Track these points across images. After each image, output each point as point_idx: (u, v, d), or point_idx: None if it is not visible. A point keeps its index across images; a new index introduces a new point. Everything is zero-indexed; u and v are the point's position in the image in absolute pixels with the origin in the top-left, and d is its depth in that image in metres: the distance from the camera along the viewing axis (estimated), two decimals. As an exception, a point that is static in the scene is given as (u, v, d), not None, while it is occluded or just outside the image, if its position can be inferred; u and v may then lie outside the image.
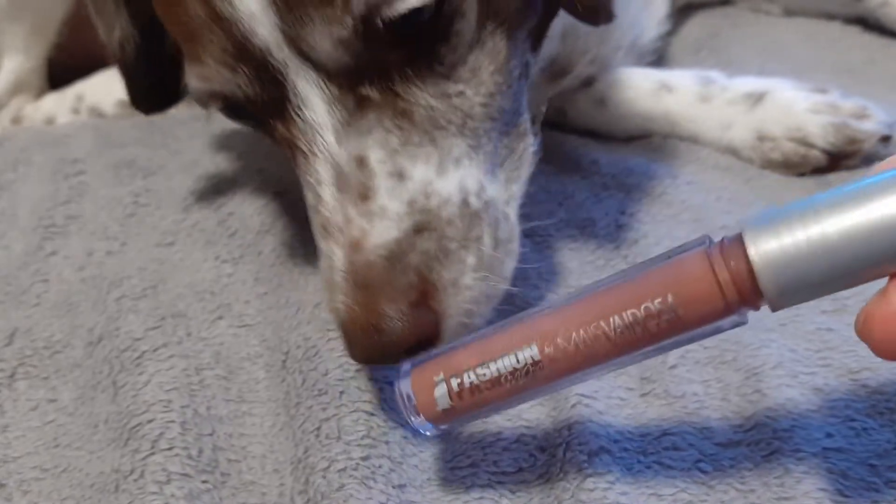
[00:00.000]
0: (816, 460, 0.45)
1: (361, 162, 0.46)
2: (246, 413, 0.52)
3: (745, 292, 0.36)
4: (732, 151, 0.73)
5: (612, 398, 0.51)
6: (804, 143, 0.70)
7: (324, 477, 0.46)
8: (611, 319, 0.37)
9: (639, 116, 0.76)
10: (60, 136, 0.86)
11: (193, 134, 0.83)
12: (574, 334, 0.38)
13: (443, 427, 0.41)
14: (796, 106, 0.71)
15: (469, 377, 0.39)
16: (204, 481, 0.47)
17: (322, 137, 0.46)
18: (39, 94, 0.99)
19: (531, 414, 0.50)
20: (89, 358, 0.57)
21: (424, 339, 0.45)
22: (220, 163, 0.77)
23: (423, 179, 0.46)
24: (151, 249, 0.66)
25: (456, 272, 0.46)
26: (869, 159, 0.70)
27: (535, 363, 0.39)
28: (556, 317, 0.39)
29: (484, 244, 0.47)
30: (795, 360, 0.52)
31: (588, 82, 0.77)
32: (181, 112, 0.89)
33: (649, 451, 0.47)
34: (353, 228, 0.45)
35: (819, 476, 0.44)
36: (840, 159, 0.70)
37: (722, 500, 0.44)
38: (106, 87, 0.96)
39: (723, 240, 0.37)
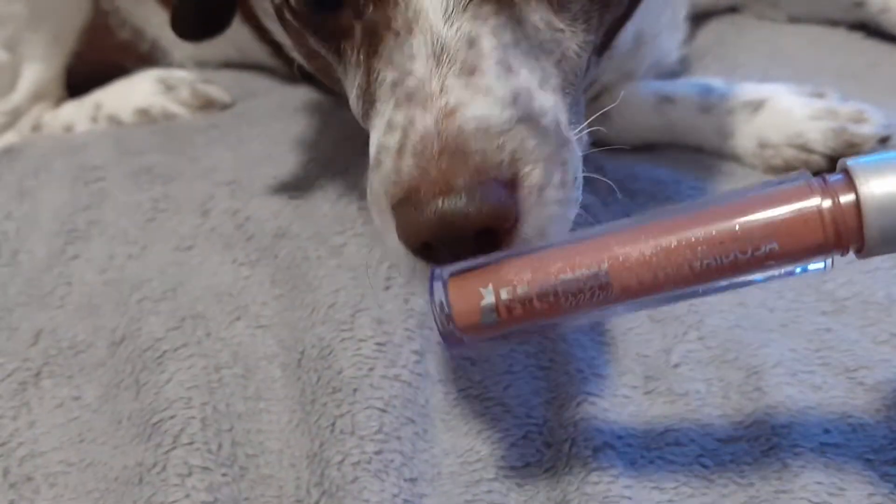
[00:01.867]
0: (814, 455, 0.46)
1: (472, 42, 0.45)
2: (263, 410, 0.54)
3: (846, 231, 0.34)
4: (735, 159, 0.75)
5: (617, 396, 0.52)
6: (805, 149, 0.71)
7: (338, 470, 0.48)
8: (698, 248, 0.35)
9: (642, 129, 0.78)
10: (80, 143, 0.89)
11: (210, 141, 0.85)
12: (654, 260, 0.35)
13: (470, 343, 0.38)
14: (795, 113, 0.72)
15: (522, 290, 0.36)
16: (224, 474, 0.49)
17: (427, 17, 0.46)
18: (58, 102, 1.01)
19: (538, 411, 0.52)
20: (112, 357, 0.59)
21: (500, 227, 0.41)
22: (236, 169, 0.79)
23: (527, 82, 0.46)
24: (171, 253, 0.68)
25: (545, 179, 0.43)
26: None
27: (603, 286, 0.36)
28: (631, 238, 0.36)
29: (567, 171, 0.45)
30: (795, 359, 0.54)
31: (597, 96, 0.79)
32: (198, 120, 0.92)
33: (652, 447, 0.49)
34: (450, 96, 0.44)
35: (816, 470, 0.46)
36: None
37: (722, 493, 0.46)
38: (124, 96, 0.98)
39: (824, 177, 0.36)
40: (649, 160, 0.76)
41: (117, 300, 0.63)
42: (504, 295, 0.37)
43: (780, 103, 0.73)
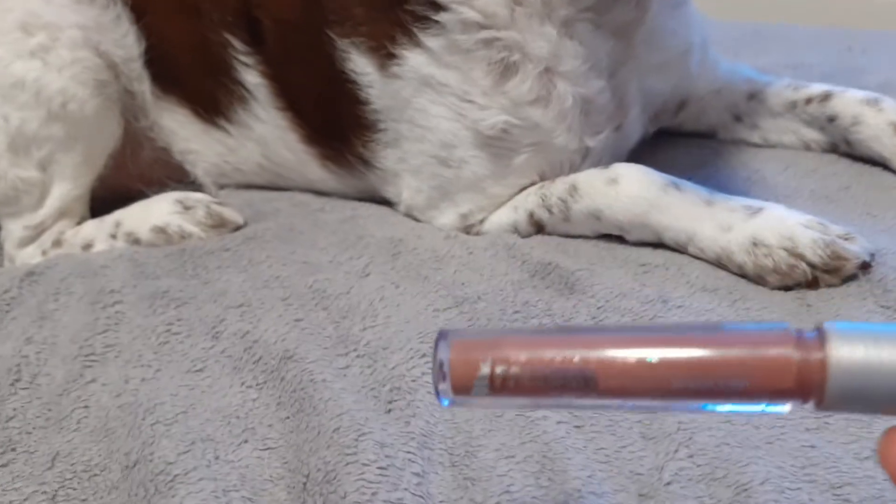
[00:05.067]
0: (800, 574, 0.48)
1: None
2: (270, 533, 0.56)
3: (810, 385, 0.38)
4: (726, 255, 0.79)
5: (611, 515, 0.54)
6: (794, 253, 0.75)
7: None
8: (678, 370, 0.39)
9: (646, 201, 0.82)
10: (98, 266, 0.93)
11: (222, 264, 0.90)
12: (638, 370, 0.39)
13: (462, 402, 0.41)
14: (790, 220, 0.77)
15: (516, 371, 0.39)
16: None
17: None
18: (81, 220, 1.06)
19: (535, 532, 0.54)
20: (125, 481, 0.61)
21: None
22: (246, 292, 0.83)
23: None
24: (183, 376, 0.71)
25: None
26: (847, 280, 0.76)
27: (589, 383, 0.39)
28: (620, 345, 0.40)
29: None
30: (782, 476, 0.56)
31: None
32: (211, 243, 0.97)
33: (645, 567, 0.50)
34: None
35: (802, 590, 0.47)
36: (824, 273, 0.75)
37: None
38: (143, 215, 1.03)
39: (801, 331, 0.39)
40: (637, 279, 0.80)
41: (131, 424, 0.66)
42: (499, 370, 0.40)
43: (776, 211, 0.79)
